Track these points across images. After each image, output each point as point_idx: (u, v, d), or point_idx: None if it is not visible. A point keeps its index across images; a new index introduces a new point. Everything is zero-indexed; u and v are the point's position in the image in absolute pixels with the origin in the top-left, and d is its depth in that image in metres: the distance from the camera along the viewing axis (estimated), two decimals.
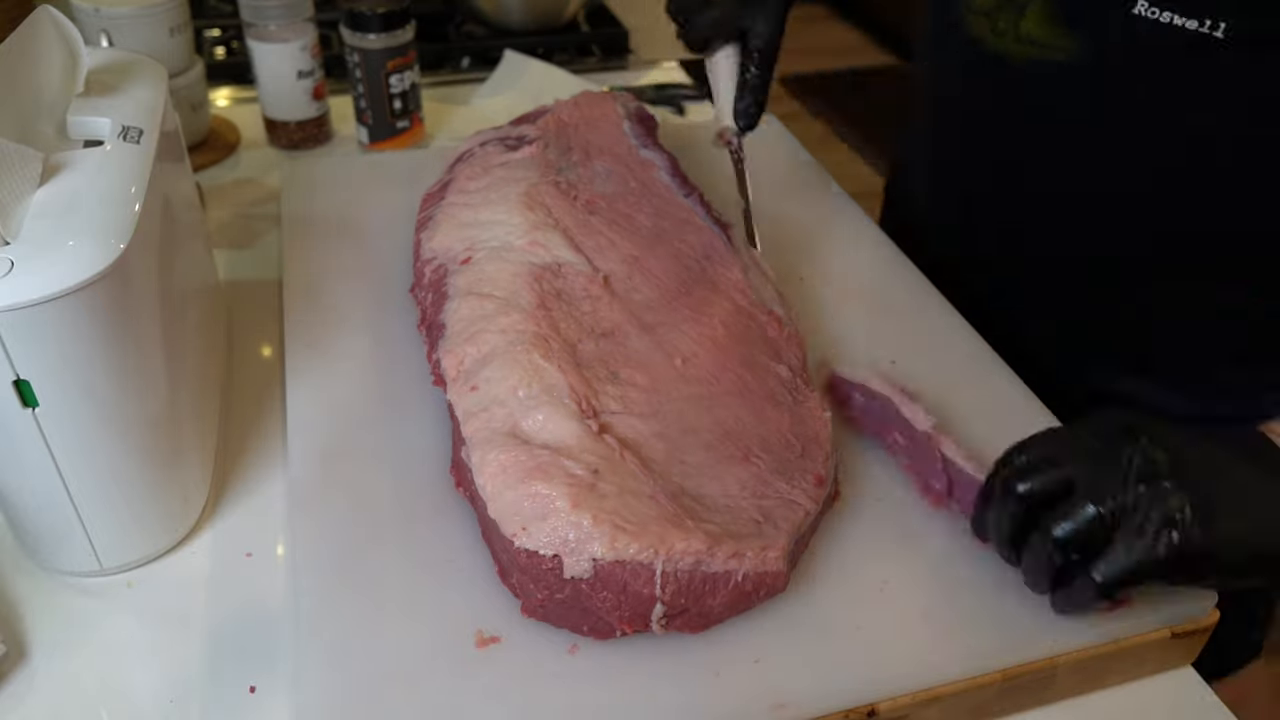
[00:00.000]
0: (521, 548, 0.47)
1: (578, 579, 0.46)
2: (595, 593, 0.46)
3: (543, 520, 0.47)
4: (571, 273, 0.61)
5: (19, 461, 0.49)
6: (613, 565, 0.46)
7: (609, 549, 0.45)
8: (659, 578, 0.46)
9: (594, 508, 0.46)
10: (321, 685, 0.46)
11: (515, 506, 0.48)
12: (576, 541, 0.46)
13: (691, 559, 0.46)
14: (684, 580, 0.46)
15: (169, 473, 0.55)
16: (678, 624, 0.47)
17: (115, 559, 0.55)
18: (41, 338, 0.45)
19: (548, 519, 0.46)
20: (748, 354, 0.59)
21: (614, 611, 0.46)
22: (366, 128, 0.94)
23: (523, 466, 0.49)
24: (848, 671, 0.47)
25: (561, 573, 0.46)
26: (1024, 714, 0.51)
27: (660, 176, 0.73)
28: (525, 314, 0.57)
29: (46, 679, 0.50)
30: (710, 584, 0.47)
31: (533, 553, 0.46)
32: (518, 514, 0.47)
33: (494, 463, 0.49)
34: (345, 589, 0.50)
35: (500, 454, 0.49)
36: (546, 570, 0.46)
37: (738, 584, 0.47)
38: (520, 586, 0.48)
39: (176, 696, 0.50)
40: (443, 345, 0.57)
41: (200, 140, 0.96)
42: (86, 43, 0.56)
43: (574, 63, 1.18)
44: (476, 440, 0.51)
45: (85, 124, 0.55)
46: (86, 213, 0.48)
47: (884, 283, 0.75)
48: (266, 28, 0.90)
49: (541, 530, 0.46)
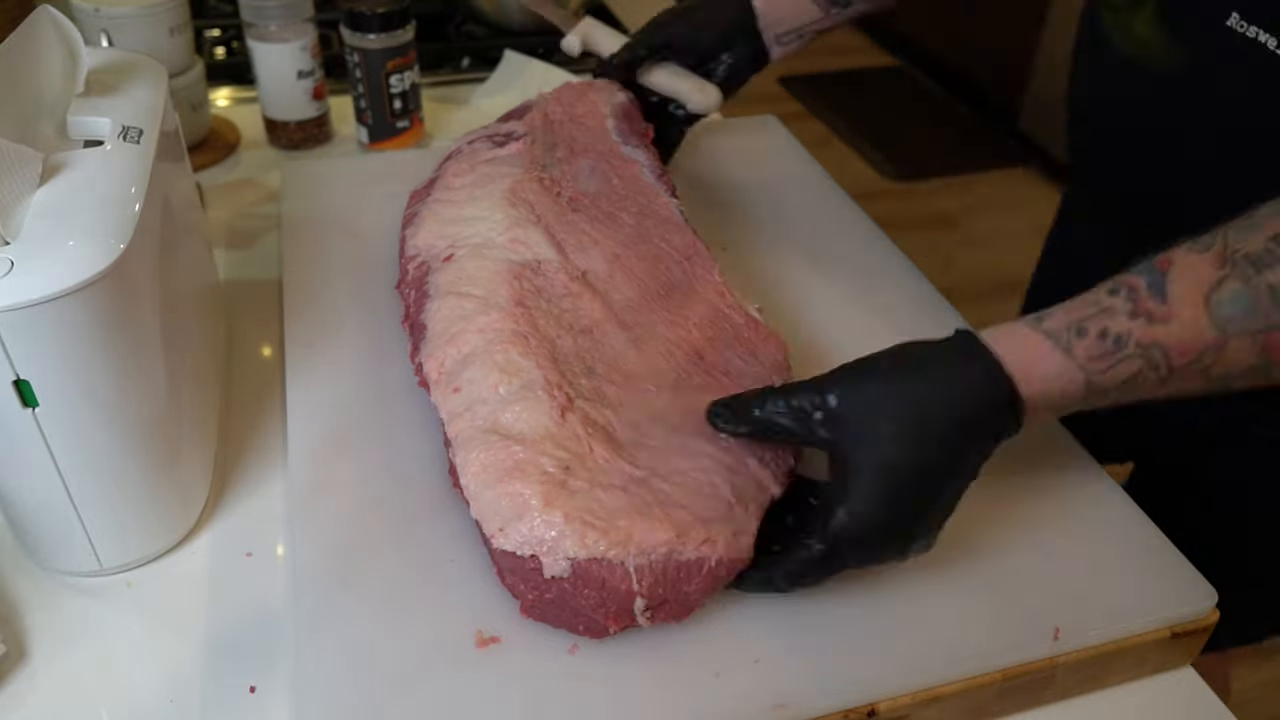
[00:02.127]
0: (499, 548, 0.47)
1: (559, 578, 0.46)
2: (578, 591, 0.46)
3: (519, 520, 0.47)
4: (552, 269, 0.61)
5: (19, 461, 0.49)
6: (588, 563, 0.46)
7: (580, 547, 0.46)
8: (634, 571, 0.46)
9: (565, 505, 0.47)
10: (322, 685, 0.46)
11: (494, 506, 0.48)
12: (553, 541, 0.46)
13: (664, 549, 0.47)
14: (659, 571, 0.47)
15: (169, 472, 0.55)
16: (661, 615, 0.48)
17: (115, 559, 0.55)
18: (41, 338, 0.45)
19: (523, 518, 0.47)
20: (724, 353, 0.59)
21: (598, 609, 0.46)
22: (366, 127, 0.94)
23: (500, 465, 0.49)
24: (847, 672, 0.47)
25: (543, 573, 0.46)
26: (1023, 714, 0.51)
27: (644, 175, 0.72)
28: (504, 312, 0.57)
29: (47, 679, 0.50)
30: (684, 571, 0.47)
31: (511, 553, 0.47)
32: (496, 513, 0.48)
33: (475, 462, 0.50)
34: (345, 589, 0.50)
35: (481, 453, 0.50)
36: (530, 570, 0.47)
37: (711, 569, 0.48)
38: (513, 587, 0.49)
39: (176, 696, 0.50)
40: (425, 348, 0.58)
41: (200, 140, 0.96)
42: (86, 43, 0.56)
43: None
44: (460, 440, 0.51)
45: (85, 124, 0.55)
46: (86, 213, 0.48)
47: (881, 280, 0.75)
48: (267, 28, 0.90)
49: (518, 530, 0.47)
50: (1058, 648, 0.49)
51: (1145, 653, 0.51)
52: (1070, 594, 0.51)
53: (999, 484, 0.57)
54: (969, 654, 0.48)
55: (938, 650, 0.48)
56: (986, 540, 0.53)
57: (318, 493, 0.55)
